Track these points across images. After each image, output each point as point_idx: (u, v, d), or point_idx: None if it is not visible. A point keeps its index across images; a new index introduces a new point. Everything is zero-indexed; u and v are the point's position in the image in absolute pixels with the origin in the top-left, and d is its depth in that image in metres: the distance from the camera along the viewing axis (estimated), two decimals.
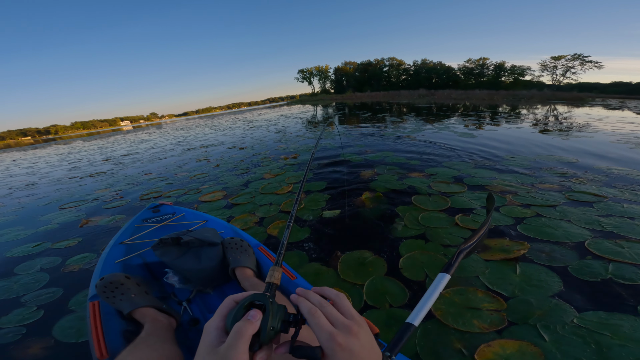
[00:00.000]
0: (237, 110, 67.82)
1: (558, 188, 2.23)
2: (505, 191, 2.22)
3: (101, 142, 14.03)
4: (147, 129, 24.87)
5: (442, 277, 0.60)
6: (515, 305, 1.13)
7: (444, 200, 2.12)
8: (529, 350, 0.94)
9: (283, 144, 5.41)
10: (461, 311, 1.11)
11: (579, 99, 17.38)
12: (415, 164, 3.17)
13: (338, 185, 2.66)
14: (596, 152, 3.36)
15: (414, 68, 49.57)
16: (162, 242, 1.07)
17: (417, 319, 0.53)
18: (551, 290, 1.19)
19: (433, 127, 6.03)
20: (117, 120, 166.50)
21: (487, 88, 33.82)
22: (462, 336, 1.01)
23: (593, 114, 8.07)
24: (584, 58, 33.93)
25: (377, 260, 1.49)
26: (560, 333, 0.99)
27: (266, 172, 3.39)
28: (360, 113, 11.30)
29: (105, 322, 0.80)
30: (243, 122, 13.42)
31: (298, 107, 25.03)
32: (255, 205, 2.37)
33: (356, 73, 54.30)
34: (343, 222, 1.93)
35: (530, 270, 1.31)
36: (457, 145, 3.98)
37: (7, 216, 2.90)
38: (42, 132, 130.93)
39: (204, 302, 1.03)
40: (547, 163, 2.94)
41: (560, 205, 1.92)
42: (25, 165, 7.65)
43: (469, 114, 8.94)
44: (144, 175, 4.09)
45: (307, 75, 61.33)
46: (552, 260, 1.37)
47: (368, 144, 4.55)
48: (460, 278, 1.30)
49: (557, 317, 1.06)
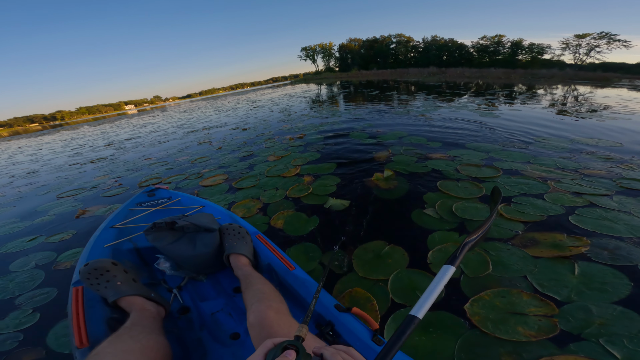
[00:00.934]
0: (241, 91, 66.46)
1: (606, 174, 1.95)
2: (545, 177, 1.94)
3: (105, 127, 13.91)
4: (152, 112, 24.64)
5: (446, 269, 0.58)
6: (570, 312, 0.95)
7: (476, 187, 1.86)
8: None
9: (287, 123, 5.12)
10: (503, 316, 0.95)
11: (604, 79, 16.11)
12: (435, 145, 2.87)
13: (348, 169, 2.42)
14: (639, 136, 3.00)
15: (424, 45, 46.93)
16: (155, 227, 1.00)
17: (421, 312, 0.52)
18: (617, 296, 0.99)
19: (449, 105, 5.59)
20: (121, 105, 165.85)
21: (502, 66, 31.96)
22: (513, 348, 0.83)
23: (623, 95, 7.43)
24: (612, 36, 31.39)
25: (394, 251, 1.31)
26: (630, 347, 0.82)
27: (270, 154, 3.16)
28: (367, 91, 10.74)
29: (88, 309, 0.76)
30: (246, 103, 13.01)
31: (302, 86, 24.17)
32: (259, 190, 2.18)
33: (361, 50, 51.80)
34: (353, 210, 1.74)
35: (593, 271, 1.10)
36: (479, 126, 3.63)
37: (6, 207, 2.77)
38: (49, 118, 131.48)
39: (196, 289, 0.99)
40: (586, 147, 2.61)
41: (614, 194, 1.66)
42: (30, 152, 7.55)
43: (485, 92, 8.36)
44: (144, 160, 3.92)
45: (311, 53, 58.84)
46: (616, 259, 1.14)
47: (379, 123, 4.22)
48: (503, 278, 1.10)
49: (623, 327, 0.88)
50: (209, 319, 0.87)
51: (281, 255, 0.99)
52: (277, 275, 0.95)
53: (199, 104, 22.24)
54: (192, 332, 0.84)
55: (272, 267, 0.97)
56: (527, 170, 2.08)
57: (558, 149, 2.56)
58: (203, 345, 0.79)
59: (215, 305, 0.92)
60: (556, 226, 1.40)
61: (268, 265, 0.99)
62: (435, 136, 3.21)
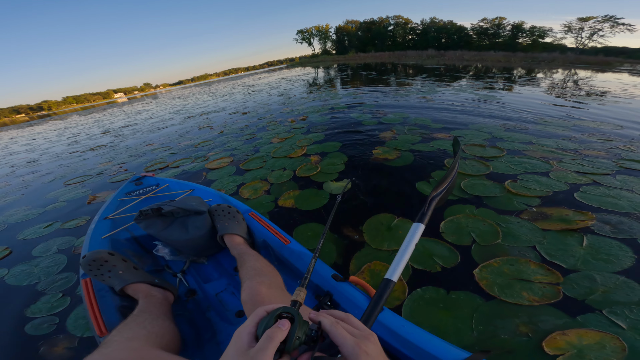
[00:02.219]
0: (235, 76, 64.62)
1: (607, 155, 2.01)
2: (547, 157, 2.00)
3: (97, 115, 13.52)
4: (143, 99, 23.95)
5: (416, 227, 0.58)
6: (575, 280, 1.01)
7: (483, 165, 1.92)
8: (610, 344, 0.81)
9: (288, 106, 5.06)
10: (510, 282, 1.02)
11: (605, 64, 15.97)
12: (437, 126, 2.90)
13: (353, 148, 2.46)
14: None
15: (422, 27, 45.57)
16: (142, 214, 1.00)
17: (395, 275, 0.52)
18: (620, 266, 1.05)
19: (448, 88, 5.57)
20: (110, 93, 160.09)
21: (502, 50, 31.30)
22: (529, 319, 0.89)
23: (625, 80, 7.40)
24: (616, 20, 30.71)
25: (404, 222, 1.38)
26: (632, 318, 0.88)
27: (274, 136, 3.17)
28: (366, 74, 10.58)
29: (100, 299, 0.78)
30: (243, 87, 12.71)
31: (298, 69, 23.57)
32: (267, 171, 2.21)
33: (359, 32, 50.17)
34: (359, 187, 1.78)
35: (600, 244, 1.17)
36: (480, 108, 3.65)
37: (14, 195, 2.75)
38: (35, 108, 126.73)
39: (199, 272, 1.01)
40: (587, 129, 2.66)
41: (613, 173, 1.72)
42: (24, 142, 7.36)
43: (484, 76, 8.27)
44: (145, 146, 3.87)
45: (307, 36, 56.89)
46: (618, 233, 1.21)
47: (380, 105, 4.21)
48: (512, 248, 1.17)
49: (624, 295, 0.95)
50: (214, 300, 0.89)
51: (276, 231, 1.00)
52: (273, 250, 0.97)
53: (192, 90, 21.64)
54: (201, 313, 0.86)
55: (268, 243, 0.98)
56: (529, 150, 2.13)
57: (560, 131, 2.61)
58: (212, 325, 0.81)
59: (218, 286, 0.94)
60: (563, 202, 1.46)
61: (264, 242, 1.00)
62: (438, 117, 3.23)
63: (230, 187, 2.01)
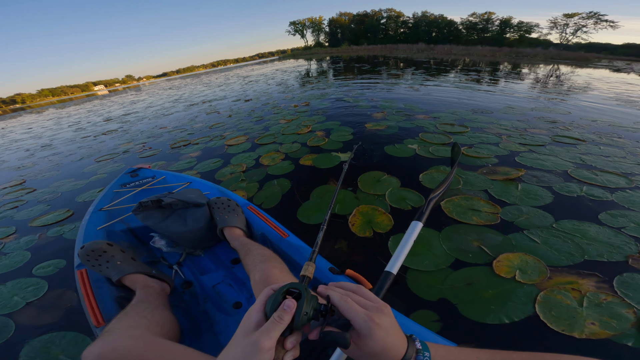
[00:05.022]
0: (224, 68, 63.18)
1: (547, 133, 2.56)
2: (501, 133, 2.55)
3: (87, 105, 13.31)
4: (125, 92, 23.00)
5: (415, 225, 0.60)
6: (509, 210, 1.44)
7: (447, 138, 2.47)
8: (529, 259, 1.15)
9: (288, 94, 5.49)
10: (465, 211, 1.46)
11: (584, 59, 16.93)
12: (419, 110, 3.44)
13: (352, 125, 2.97)
14: (588, 107, 3.63)
15: (414, 20, 45.98)
16: (142, 206, 1.02)
17: (395, 267, 0.54)
18: (542, 203, 1.50)
19: (434, 80, 6.13)
20: (89, 85, 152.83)
21: (490, 44, 32.17)
22: (478, 235, 1.27)
23: (595, 75, 8.10)
24: (600, 17, 32.04)
25: (390, 179, 1.84)
26: (545, 235, 1.26)
27: (280, 118, 3.63)
28: (359, 66, 11.02)
29: (96, 290, 0.79)
30: (237, 78, 12.86)
31: (291, 61, 23.63)
32: (279, 145, 2.66)
33: (352, 25, 50.09)
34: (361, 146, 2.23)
35: (530, 188, 1.64)
36: (458, 97, 4.21)
37: (50, 172, 2.97)
38: (7, 102, 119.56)
39: (195, 264, 1.02)
40: (541, 114, 3.23)
41: (547, 145, 2.27)
42: (21, 131, 7.35)
43: (469, 70, 8.86)
44: (159, 129, 4.18)
45: (300, 27, 56.22)
46: (540, 182, 1.71)
47: (373, 94, 4.72)
48: (469, 190, 1.63)
49: (539, 221, 1.36)
50: (211, 291, 0.90)
51: (274, 224, 1.02)
52: (271, 243, 0.99)
53: (180, 82, 21.20)
54: (197, 304, 0.87)
55: (266, 236, 1.00)
56: (488, 128, 2.68)
57: (519, 115, 3.17)
58: (209, 316, 0.82)
59: (215, 278, 0.95)
60: (507, 163, 1.97)
61: (262, 235, 1.02)
62: (421, 104, 3.77)
63: (251, 159, 2.40)
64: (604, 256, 1.15)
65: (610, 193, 1.57)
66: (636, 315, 0.91)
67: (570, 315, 0.93)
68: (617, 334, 0.87)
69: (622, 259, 1.13)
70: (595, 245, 1.20)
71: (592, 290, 1.00)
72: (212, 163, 2.43)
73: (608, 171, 1.82)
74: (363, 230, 1.37)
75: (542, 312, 0.94)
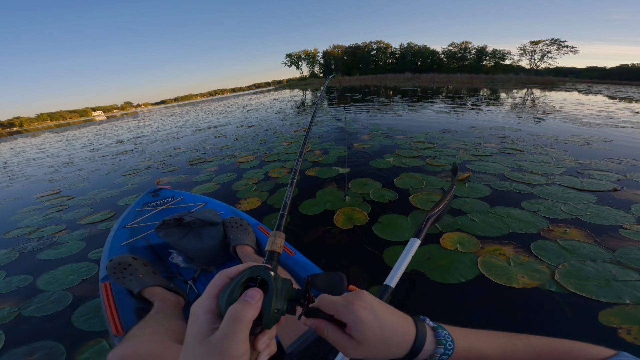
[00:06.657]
0: (221, 97, 65.98)
1: (497, 146, 3.23)
2: (459, 147, 3.20)
3: (92, 129, 13.84)
4: (123, 118, 23.75)
5: (413, 242, 0.62)
6: (456, 201, 2.02)
7: (417, 152, 3.11)
8: (464, 236, 1.59)
9: (287, 121, 6.22)
10: (425, 202, 2.00)
11: (550, 83, 18.90)
12: (399, 132, 4.13)
13: (344, 143, 3.59)
14: (536, 125, 4.40)
15: (400, 51, 50.13)
16: (165, 224, 1.10)
17: (393, 281, 0.58)
18: (482, 194, 2.06)
19: (416, 107, 7.02)
20: (88, 111, 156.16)
21: (468, 72, 35.08)
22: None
23: (553, 97, 9.25)
24: (560, 43, 35.80)
25: (374, 183, 2.41)
26: (482, 217, 1.76)
27: (282, 140, 4.26)
28: (351, 95, 12.10)
29: (118, 301, 0.85)
30: (237, 107, 13.78)
31: (287, 91, 25.28)
32: (282, 162, 3.24)
33: (344, 57, 54.13)
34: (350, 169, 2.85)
35: (475, 185, 2.24)
36: (432, 120, 4.98)
37: (81, 183, 3.39)
38: (5, 124, 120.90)
39: (208, 280, 1.06)
40: (496, 131, 3.95)
41: (494, 155, 2.92)
42: (34, 151, 7.83)
43: (450, 96, 9.93)
44: (174, 149, 4.73)
45: (295, 59, 60.27)
46: (482, 181, 2.30)
47: (362, 119, 5.47)
48: (430, 189, 2.20)
49: (479, 207, 1.89)
50: None
51: None
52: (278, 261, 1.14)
53: (180, 110, 21.86)
54: None
55: None
56: (451, 144, 3.34)
57: (478, 133, 3.87)
58: None
59: None
60: (460, 168, 2.53)
61: None
62: (401, 127, 4.48)
63: (260, 174, 2.86)
64: (523, 230, 1.60)
65: (532, 187, 2.15)
66: (549, 269, 1.27)
67: (505, 271, 1.27)
68: (542, 283, 1.18)
69: (536, 231, 1.57)
70: (518, 223, 1.67)
71: (513, 254, 1.39)
72: (228, 176, 2.95)
73: (534, 172, 2.43)
74: (345, 224, 1.79)
75: (485, 271, 1.28)
